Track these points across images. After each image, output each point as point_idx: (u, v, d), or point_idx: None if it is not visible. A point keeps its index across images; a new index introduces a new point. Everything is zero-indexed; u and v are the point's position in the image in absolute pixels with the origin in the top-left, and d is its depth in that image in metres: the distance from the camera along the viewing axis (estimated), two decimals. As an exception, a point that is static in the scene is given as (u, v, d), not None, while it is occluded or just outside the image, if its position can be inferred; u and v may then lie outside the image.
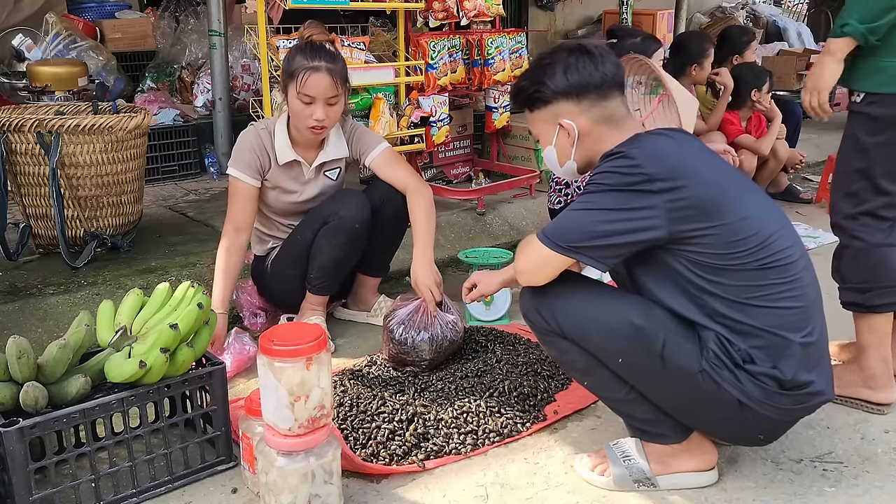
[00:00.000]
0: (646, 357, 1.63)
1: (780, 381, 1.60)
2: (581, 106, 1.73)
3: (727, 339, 1.61)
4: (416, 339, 2.30)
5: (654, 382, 1.68)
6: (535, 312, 1.76)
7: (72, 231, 2.90)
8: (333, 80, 2.38)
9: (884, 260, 2.06)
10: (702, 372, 1.61)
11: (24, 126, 2.74)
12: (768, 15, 8.99)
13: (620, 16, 5.66)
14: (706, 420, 1.73)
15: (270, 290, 2.67)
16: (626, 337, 1.64)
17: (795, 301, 1.62)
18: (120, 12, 5.12)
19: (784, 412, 1.64)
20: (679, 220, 1.58)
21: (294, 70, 2.37)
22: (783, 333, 1.60)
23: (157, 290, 1.93)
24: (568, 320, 1.70)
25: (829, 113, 2.11)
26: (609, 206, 1.61)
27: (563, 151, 1.78)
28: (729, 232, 1.58)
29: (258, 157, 2.48)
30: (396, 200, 2.55)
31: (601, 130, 1.74)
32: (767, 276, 1.60)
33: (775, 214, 1.69)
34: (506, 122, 4.20)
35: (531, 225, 3.81)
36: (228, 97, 4.31)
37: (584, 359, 1.72)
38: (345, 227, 2.43)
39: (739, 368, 1.60)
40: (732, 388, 1.60)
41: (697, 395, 1.64)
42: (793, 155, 4.36)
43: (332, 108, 2.42)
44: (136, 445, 1.77)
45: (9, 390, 1.65)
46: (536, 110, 1.78)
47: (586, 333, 1.69)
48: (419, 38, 3.59)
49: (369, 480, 1.86)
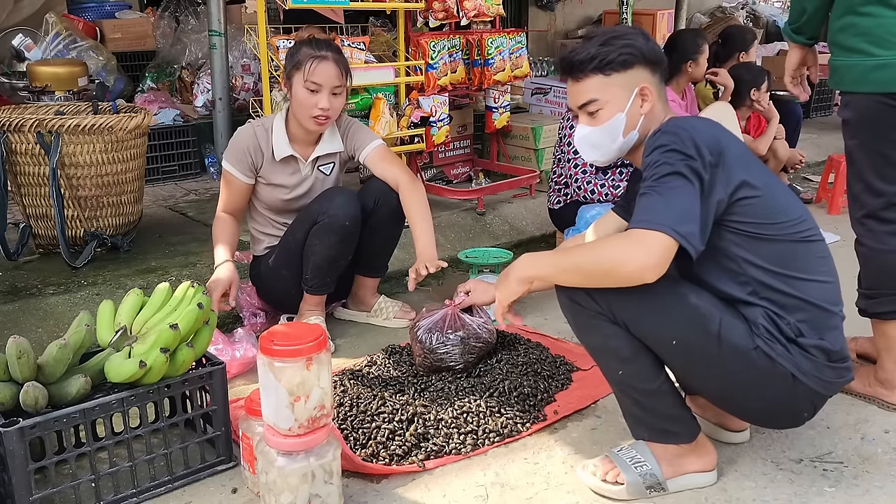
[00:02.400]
0: (703, 337, 1.62)
1: (829, 352, 1.63)
2: (655, 77, 1.77)
3: (775, 314, 1.63)
4: (448, 344, 2.28)
5: (706, 364, 1.66)
6: (585, 295, 1.69)
7: (72, 231, 2.91)
8: (339, 70, 2.44)
9: (889, 266, 2.07)
10: (756, 349, 1.61)
11: (24, 126, 2.75)
12: (768, 15, 8.99)
13: (620, 16, 5.66)
14: (755, 400, 1.70)
15: (268, 291, 2.68)
16: (683, 318, 1.63)
17: (830, 276, 1.69)
18: (120, 12, 5.13)
19: (828, 385, 1.66)
20: (728, 182, 1.60)
21: (300, 59, 2.41)
22: (826, 305, 1.64)
23: (157, 290, 1.93)
24: (620, 301, 1.65)
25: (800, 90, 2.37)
26: (686, 186, 1.56)
27: (632, 120, 1.76)
28: (769, 201, 1.63)
29: (251, 156, 2.51)
30: (391, 201, 2.56)
31: (659, 107, 1.78)
32: (808, 249, 1.66)
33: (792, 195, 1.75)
34: (506, 122, 4.20)
35: (531, 225, 3.82)
36: (228, 97, 4.30)
37: (629, 345, 1.68)
38: (335, 225, 2.43)
39: (791, 342, 1.62)
40: (787, 363, 1.62)
41: (750, 374, 1.64)
42: (793, 155, 4.36)
43: (336, 99, 2.45)
44: (136, 445, 1.77)
45: (9, 390, 1.65)
46: (615, 74, 1.74)
47: (639, 315, 1.65)
48: (419, 38, 3.59)
49: (369, 480, 1.86)
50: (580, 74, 1.76)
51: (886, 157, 2.00)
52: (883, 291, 2.07)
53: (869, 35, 1.93)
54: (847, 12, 1.98)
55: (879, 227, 2.05)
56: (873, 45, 1.93)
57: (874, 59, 1.93)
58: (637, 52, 1.73)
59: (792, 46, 2.32)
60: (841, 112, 2.09)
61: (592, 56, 1.74)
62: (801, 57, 2.31)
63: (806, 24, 2.21)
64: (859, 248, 2.13)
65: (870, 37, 1.93)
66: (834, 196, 4.27)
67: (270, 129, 2.53)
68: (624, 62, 1.73)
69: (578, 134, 1.83)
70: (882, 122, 1.97)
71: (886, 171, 2.01)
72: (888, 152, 1.99)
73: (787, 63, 2.35)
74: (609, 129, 1.77)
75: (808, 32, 2.24)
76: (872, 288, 2.10)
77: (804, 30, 2.24)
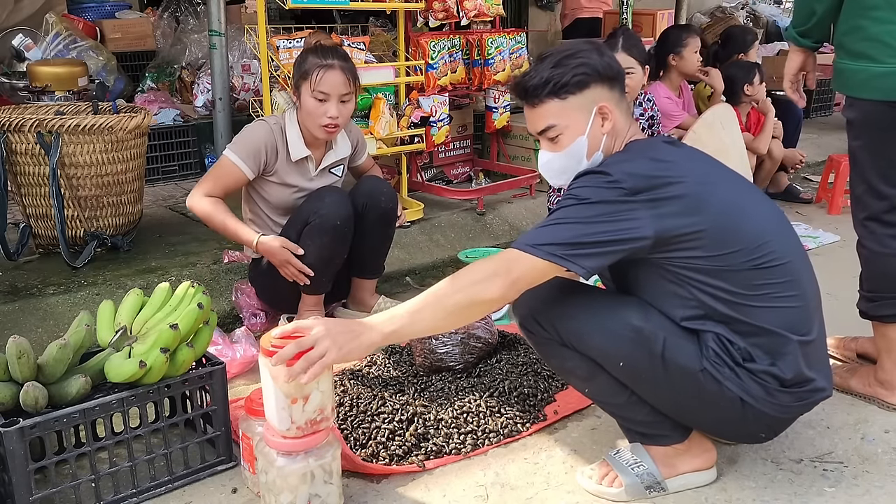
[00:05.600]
0: (647, 359, 1.62)
1: (781, 378, 1.60)
2: (613, 93, 1.70)
3: (726, 338, 1.61)
4: (448, 344, 2.28)
5: (655, 384, 1.66)
6: (533, 321, 1.72)
7: (72, 231, 2.90)
8: (347, 77, 2.45)
9: (890, 270, 2.05)
10: (703, 371, 1.60)
11: (24, 126, 2.74)
12: (768, 15, 8.98)
13: (620, 16, 5.65)
14: (708, 420, 1.72)
15: (266, 293, 2.68)
16: (626, 340, 1.62)
17: (794, 301, 1.62)
18: (120, 12, 5.13)
19: (785, 409, 1.65)
20: (663, 220, 1.55)
21: (308, 69, 2.42)
22: (782, 332, 1.60)
23: (157, 290, 1.93)
24: (567, 326, 1.68)
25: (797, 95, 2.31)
26: (592, 218, 1.55)
27: (594, 141, 1.69)
28: (718, 230, 1.57)
29: (266, 153, 2.50)
30: (380, 201, 2.60)
31: (622, 121, 1.71)
32: (763, 275, 1.59)
33: (772, 214, 1.69)
34: (506, 122, 4.20)
35: (531, 225, 3.81)
36: (228, 97, 4.29)
37: (584, 365, 1.70)
38: (326, 225, 2.43)
39: (740, 366, 1.60)
40: (734, 387, 1.60)
41: (699, 395, 1.63)
42: (792, 155, 4.36)
43: (344, 106, 2.47)
44: (136, 445, 1.77)
45: (9, 390, 1.65)
46: (571, 97, 1.66)
47: (586, 339, 1.66)
48: (419, 38, 3.59)
49: (369, 480, 1.86)
50: (535, 100, 1.69)
51: (891, 160, 1.98)
52: (884, 294, 2.07)
53: (876, 41, 1.90)
54: (857, 15, 1.94)
55: (882, 229, 2.04)
56: (880, 51, 1.90)
57: (881, 66, 1.90)
58: (591, 71, 1.66)
59: (794, 50, 2.24)
60: (845, 112, 2.06)
61: (546, 80, 1.66)
62: (802, 61, 2.24)
63: (815, 27, 2.13)
64: (861, 251, 2.11)
65: (877, 43, 1.90)
66: (834, 196, 4.27)
67: (284, 129, 2.54)
68: (579, 83, 1.66)
69: (541, 160, 1.76)
70: (887, 126, 1.95)
71: (890, 173, 1.99)
72: (893, 156, 1.98)
73: (787, 68, 2.27)
74: (571, 153, 1.70)
75: (815, 36, 2.17)
76: (874, 291, 2.09)
77: (811, 33, 2.16)
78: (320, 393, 1.57)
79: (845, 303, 2.29)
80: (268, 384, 1.56)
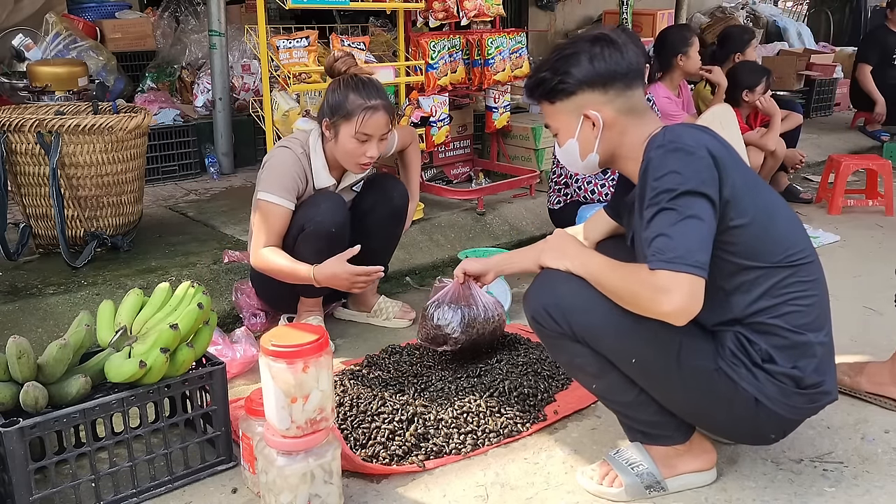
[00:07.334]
0: (661, 358, 1.61)
1: (799, 380, 1.60)
2: (607, 96, 1.69)
3: (747, 339, 1.60)
4: (448, 317, 2.29)
5: (667, 383, 1.66)
6: (545, 314, 1.70)
7: (72, 231, 2.90)
8: (389, 116, 2.41)
9: None
10: (718, 370, 1.60)
11: (24, 126, 2.74)
12: (768, 15, 8.99)
13: (620, 16, 5.66)
14: (719, 420, 1.71)
15: (266, 294, 2.67)
16: (640, 338, 1.61)
17: (815, 301, 1.62)
18: (120, 12, 5.13)
19: (797, 411, 1.64)
20: (722, 212, 1.54)
21: (351, 111, 2.35)
22: (806, 333, 1.60)
23: (157, 290, 1.93)
24: (580, 321, 1.66)
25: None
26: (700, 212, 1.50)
27: (585, 144, 1.73)
28: (758, 226, 1.57)
29: (298, 183, 2.45)
30: (388, 203, 2.58)
31: (626, 122, 1.70)
32: (794, 274, 1.59)
33: (791, 212, 1.70)
34: (506, 122, 4.20)
35: (531, 225, 3.82)
36: (228, 97, 4.31)
37: (595, 362, 1.69)
38: (321, 232, 2.41)
39: (758, 367, 1.60)
40: (750, 387, 1.60)
41: (712, 395, 1.63)
42: (793, 155, 4.36)
43: (382, 143, 2.44)
44: (136, 445, 1.77)
45: (9, 390, 1.65)
46: (559, 102, 1.71)
47: (599, 334, 1.65)
48: (419, 38, 3.59)
49: (369, 480, 1.86)
50: (533, 100, 1.79)
51: None
52: None
53: None
54: None
55: None
56: None
57: None
58: (574, 81, 1.67)
59: None
60: None
61: (538, 83, 1.74)
62: None
63: None
64: None
65: None
66: (834, 196, 4.27)
67: (309, 156, 2.48)
68: (563, 90, 1.69)
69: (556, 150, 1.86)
70: None
71: None
72: None
73: None
74: (568, 152, 1.77)
75: None
76: None
77: None
78: (320, 392, 1.57)
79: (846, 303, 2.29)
80: (268, 384, 1.56)
